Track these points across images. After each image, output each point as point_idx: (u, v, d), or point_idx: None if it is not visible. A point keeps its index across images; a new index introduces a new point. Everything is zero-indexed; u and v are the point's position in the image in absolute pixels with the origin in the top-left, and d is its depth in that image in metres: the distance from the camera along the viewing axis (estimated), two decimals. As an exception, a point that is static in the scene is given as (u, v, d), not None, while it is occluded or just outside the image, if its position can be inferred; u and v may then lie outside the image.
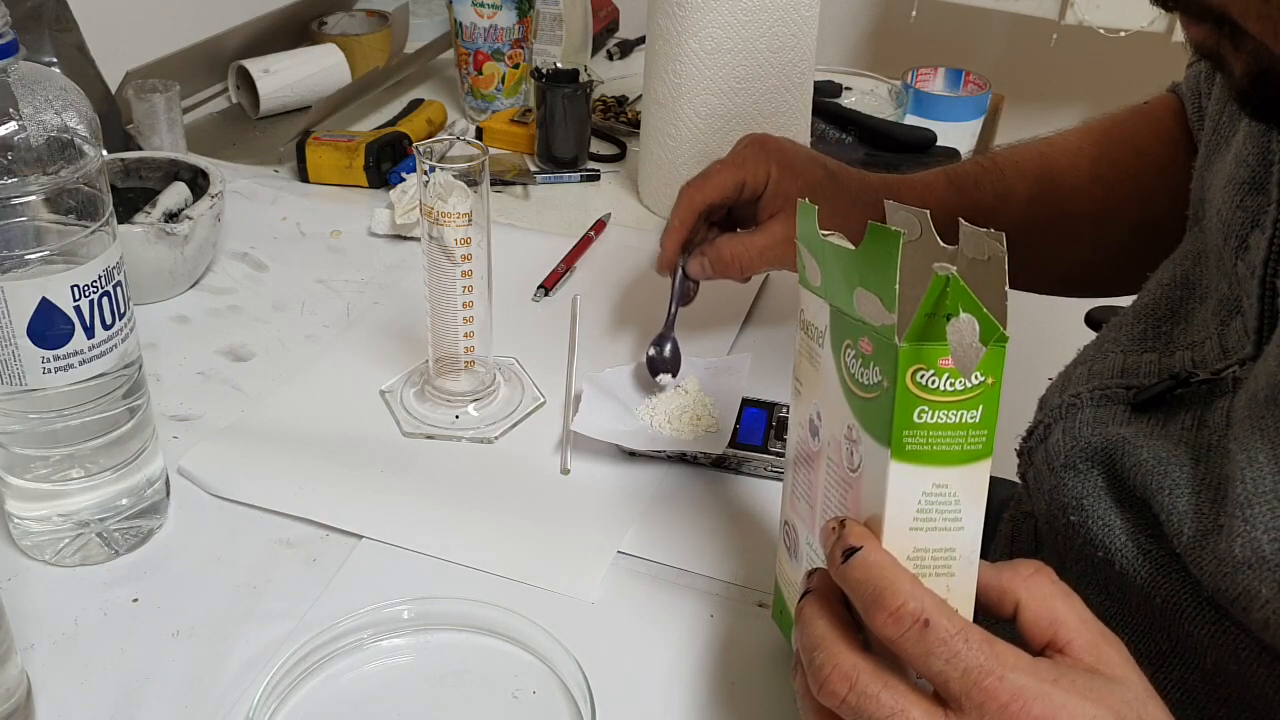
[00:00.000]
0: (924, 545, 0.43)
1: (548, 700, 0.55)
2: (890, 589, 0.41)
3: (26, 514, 0.60)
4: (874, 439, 0.43)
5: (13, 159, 0.50)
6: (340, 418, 0.74)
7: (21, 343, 0.54)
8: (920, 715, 0.40)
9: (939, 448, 0.42)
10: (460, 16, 1.17)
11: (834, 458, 0.46)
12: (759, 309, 0.88)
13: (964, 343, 0.39)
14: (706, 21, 0.92)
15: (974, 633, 0.40)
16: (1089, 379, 0.58)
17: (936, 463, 0.42)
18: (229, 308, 0.86)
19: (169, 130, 1.02)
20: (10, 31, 0.51)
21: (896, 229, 0.41)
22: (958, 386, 0.41)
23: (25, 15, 0.92)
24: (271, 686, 0.53)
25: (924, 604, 0.41)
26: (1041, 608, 0.43)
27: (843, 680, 0.41)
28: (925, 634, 0.40)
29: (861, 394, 0.44)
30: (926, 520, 0.43)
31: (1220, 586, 0.47)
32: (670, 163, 0.99)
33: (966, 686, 0.39)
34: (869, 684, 0.41)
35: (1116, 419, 0.55)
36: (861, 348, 0.43)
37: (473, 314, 0.71)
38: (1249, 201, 0.53)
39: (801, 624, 0.44)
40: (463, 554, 0.63)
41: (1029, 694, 0.39)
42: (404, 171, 1.02)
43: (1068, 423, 0.57)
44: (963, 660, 0.40)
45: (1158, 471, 0.51)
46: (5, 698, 0.50)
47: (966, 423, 0.41)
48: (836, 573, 0.43)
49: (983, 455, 0.42)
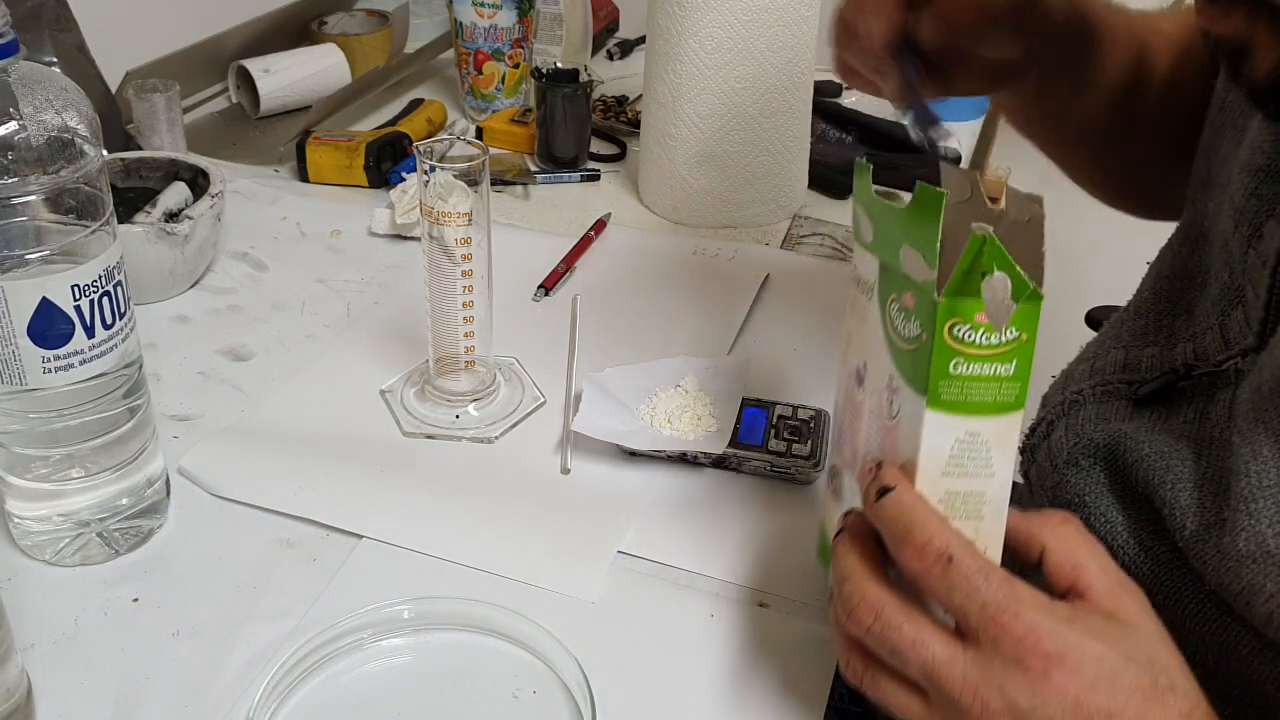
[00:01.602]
0: (955, 489, 0.45)
1: (548, 700, 0.55)
2: (919, 526, 0.44)
3: (26, 514, 0.60)
4: (912, 389, 0.45)
5: (13, 159, 0.50)
6: (340, 418, 0.74)
7: (22, 342, 0.54)
8: (939, 646, 0.43)
9: (973, 398, 0.44)
10: (460, 16, 1.17)
11: (876, 407, 0.49)
12: (759, 309, 0.88)
13: (997, 299, 0.42)
14: (706, 21, 0.92)
15: (995, 572, 0.43)
16: (1090, 375, 0.58)
17: (970, 412, 0.44)
18: (229, 308, 0.86)
19: (169, 130, 1.02)
20: (10, 31, 0.51)
21: (940, 190, 0.43)
22: (992, 340, 0.43)
23: (25, 15, 0.92)
24: (271, 686, 0.53)
25: (949, 542, 0.43)
26: (1066, 554, 0.45)
27: (869, 610, 0.44)
28: (949, 570, 0.43)
29: (903, 346, 0.46)
30: (958, 466, 0.45)
31: (1223, 581, 0.47)
32: (670, 163, 0.99)
33: (984, 621, 0.42)
34: (893, 615, 0.44)
35: (1119, 414, 0.55)
36: (905, 302, 0.46)
37: (473, 314, 0.71)
38: (1264, 189, 0.52)
39: (835, 558, 0.47)
40: (463, 554, 0.63)
41: (1042, 631, 0.41)
42: (404, 171, 1.02)
43: (1070, 419, 0.57)
44: (982, 596, 0.42)
45: (1160, 466, 0.51)
46: (5, 698, 0.50)
47: (1000, 375, 0.43)
48: (870, 510, 0.46)
49: (1015, 407, 0.44)
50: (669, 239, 0.99)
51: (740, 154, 0.97)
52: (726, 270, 0.94)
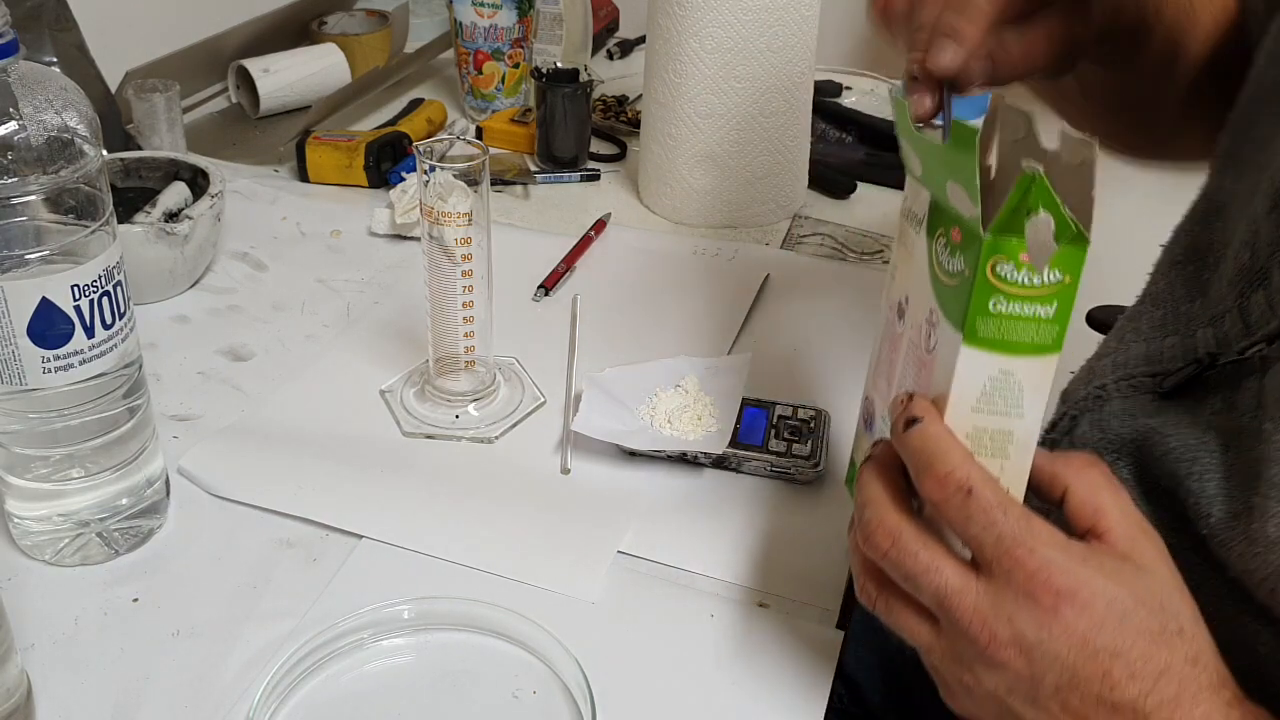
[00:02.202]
0: (983, 426, 0.45)
1: (548, 700, 0.55)
2: (942, 457, 0.44)
3: (26, 514, 0.60)
4: (950, 323, 0.45)
5: (13, 159, 0.50)
6: (340, 418, 0.74)
7: (21, 342, 0.54)
8: (952, 573, 0.44)
9: (1009, 337, 0.44)
10: (460, 16, 1.17)
11: (914, 340, 0.49)
12: (759, 309, 0.88)
13: (1040, 239, 0.42)
14: (706, 21, 0.92)
15: (1014, 507, 0.43)
16: (1113, 370, 0.58)
17: (1005, 351, 0.44)
18: (229, 308, 0.86)
19: (169, 130, 1.02)
20: (10, 31, 0.51)
21: (974, 126, 0.43)
22: (1034, 281, 0.43)
23: (25, 15, 0.92)
24: (271, 686, 0.53)
25: (970, 474, 0.44)
26: (1087, 495, 0.46)
27: (886, 536, 0.45)
28: (967, 501, 0.43)
29: (946, 280, 0.46)
30: (988, 403, 0.45)
31: (1249, 567, 0.47)
32: (670, 163, 0.99)
33: (998, 553, 0.43)
34: (910, 542, 0.45)
35: (1144, 409, 0.55)
36: (952, 237, 0.46)
37: (473, 314, 0.71)
38: None
39: (860, 485, 0.48)
40: (463, 554, 0.63)
41: (1055, 567, 0.42)
42: (404, 171, 1.02)
43: (1095, 415, 0.57)
44: (998, 528, 0.43)
45: (1186, 459, 0.51)
46: (5, 697, 0.50)
47: (1039, 317, 0.43)
48: (897, 440, 0.46)
49: (1052, 349, 0.44)
50: (669, 239, 0.99)
51: (740, 154, 0.97)
52: (726, 270, 0.94)
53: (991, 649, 0.43)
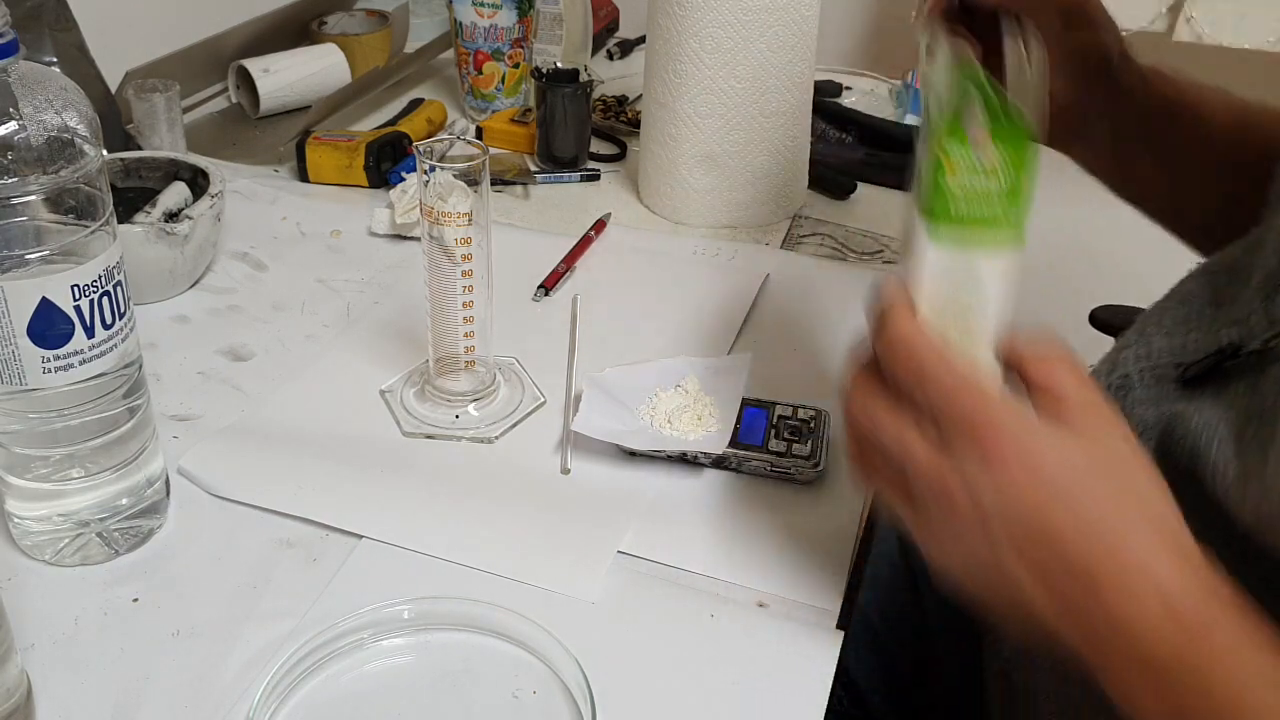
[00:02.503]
0: (948, 298, 0.49)
1: (548, 700, 0.55)
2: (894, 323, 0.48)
3: (26, 514, 0.60)
4: (918, 213, 0.49)
5: (13, 159, 0.50)
6: (340, 418, 0.74)
7: (21, 342, 0.54)
8: (918, 445, 0.47)
9: (966, 213, 0.48)
10: (460, 16, 1.17)
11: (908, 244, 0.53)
12: (759, 309, 0.88)
13: (977, 119, 0.47)
14: (706, 21, 0.92)
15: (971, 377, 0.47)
16: (1136, 361, 0.59)
17: (962, 224, 0.48)
18: (229, 308, 0.86)
19: (169, 130, 1.02)
20: (10, 31, 0.51)
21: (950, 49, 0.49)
22: (983, 160, 0.48)
23: (25, 15, 0.92)
24: (271, 686, 0.53)
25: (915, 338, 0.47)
26: (1047, 370, 0.48)
27: (865, 414, 0.49)
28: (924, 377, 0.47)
29: (922, 178, 0.49)
30: (949, 280, 0.49)
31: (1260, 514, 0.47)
32: (670, 163, 0.99)
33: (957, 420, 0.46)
34: (880, 414, 0.48)
35: (1169, 396, 0.56)
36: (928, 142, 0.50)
37: (473, 314, 0.71)
38: None
39: (846, 376, 0.51)
40: (463, 554, 0.63)
41: (1007, 431, 0.45)
42: (404, 171, 1.02)
43: (1121, 403, 0.57)
44: (959, 401, 0.46)
45: (1206, 434, 0.52)
46: (5, 697, 0.50)
47: (991, 191, 0.48)
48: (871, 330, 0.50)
49: (1006, 225, 0.48)
50: (669, 239, 0.99)
51: (740, 154, 0.97)
52: (726, 270, 0.94)
53: (944, 498, 0.46)
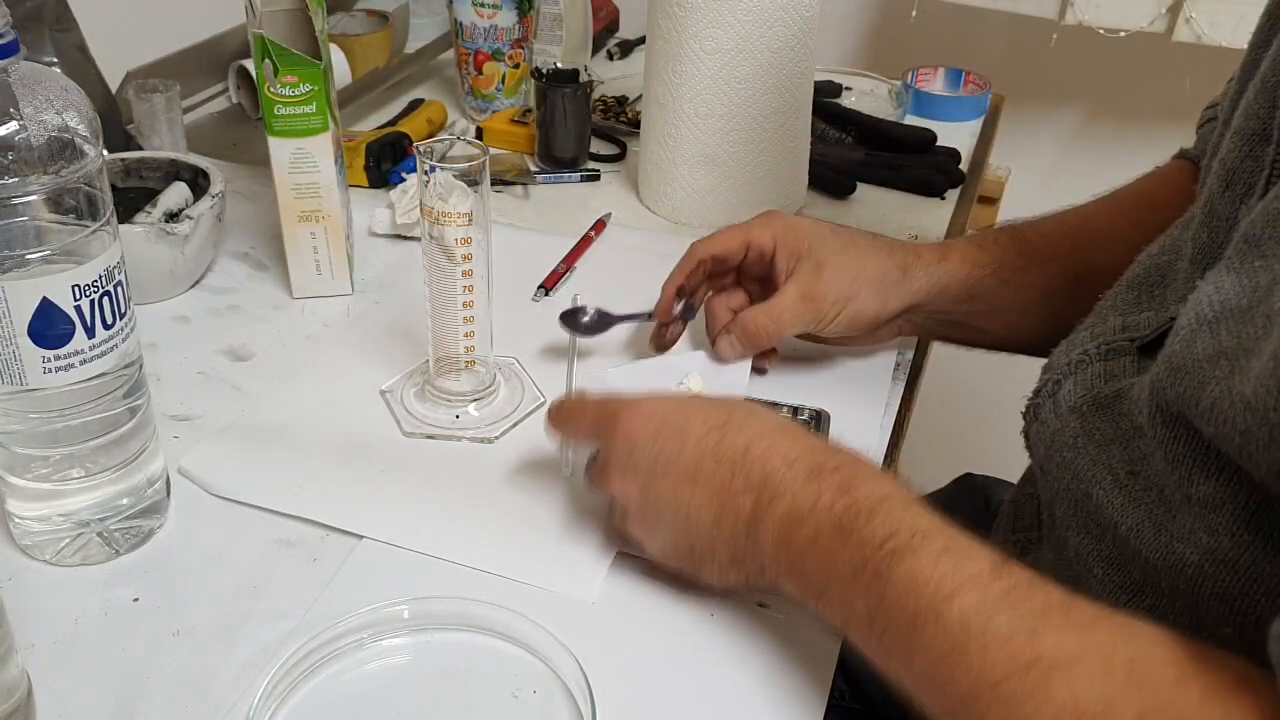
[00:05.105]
0: (299, 183, 0.82)
1: (548, 700, 0.55)
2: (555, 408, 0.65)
3: (27, 514, 0.60)
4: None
5: (13, 159, 0.50)
6: (340, 418, 0.74)
7: (22, 342, 0.54)
8: (598, 478, 0.62)
9: (291, 127, 0.80)
10: (460, 16, 1.17)
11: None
12: (759, 309, 0.88)
13: (268, 71, 0.77)
14: (706, 21, 0.92)
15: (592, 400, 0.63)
16: (1092, 339, 0.60)
17: (293, 135, 0.80)
18: (229, 308, 0.86)
19: (169, 130, 1.02)
20: (11, 31, 0.51)
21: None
22: (297, 92, 0.79)
23: (25, 15, 0.92)
24: (271, 686, 0.53)
25: (563, 403, 0.64)
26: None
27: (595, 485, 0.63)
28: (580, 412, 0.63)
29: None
30: (296, 169, 0.82)
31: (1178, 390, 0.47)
32: (670, 163, 0.99)
33: (600, 429, 0.61)
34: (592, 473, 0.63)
35: (1125, 370, 0.57)
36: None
37: (473, 314, 0.71)
38: (1259, 151, 0.54)
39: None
40: (463, 554, 0.63)
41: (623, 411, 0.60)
42: (404, 171, 1.02)
43: (1079, 376, 0.59)
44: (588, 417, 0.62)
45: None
46: (5, 697, 0.50)
47: (306, 113, 0.80)
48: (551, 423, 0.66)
49: (321, 129, 0.81)
50: (669, 239, 0.99)
51: (740, 154, 0.97)
52: (726, 270, 0.94)
53: (611, 488, 0.59)
